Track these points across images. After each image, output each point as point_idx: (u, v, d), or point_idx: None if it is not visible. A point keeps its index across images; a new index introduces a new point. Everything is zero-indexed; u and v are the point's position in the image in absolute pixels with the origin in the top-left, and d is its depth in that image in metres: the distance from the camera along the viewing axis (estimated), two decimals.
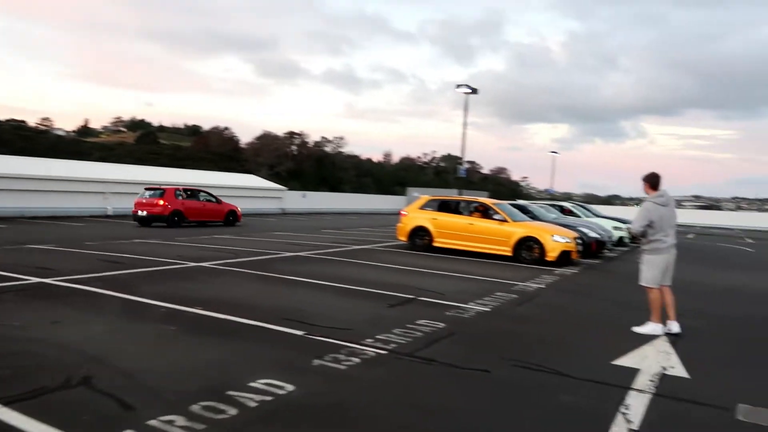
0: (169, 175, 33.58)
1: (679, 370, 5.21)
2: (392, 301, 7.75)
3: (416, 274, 10.72)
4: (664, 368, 5.25)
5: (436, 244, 14.26)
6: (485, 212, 14.27)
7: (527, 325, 6.92)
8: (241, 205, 33.65)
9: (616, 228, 19.58)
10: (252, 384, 4.25)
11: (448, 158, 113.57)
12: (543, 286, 9.92)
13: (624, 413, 4.07)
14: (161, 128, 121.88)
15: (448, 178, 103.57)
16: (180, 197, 20.99)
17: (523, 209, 16.26)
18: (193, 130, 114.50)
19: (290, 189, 48.73)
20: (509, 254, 13.27)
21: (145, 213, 20.36)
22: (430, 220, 14.45)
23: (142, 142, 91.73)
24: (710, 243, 26.10)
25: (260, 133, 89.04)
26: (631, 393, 4.51)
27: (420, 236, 14.53)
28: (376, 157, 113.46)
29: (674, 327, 6.63)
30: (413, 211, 14.93)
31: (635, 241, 22.55)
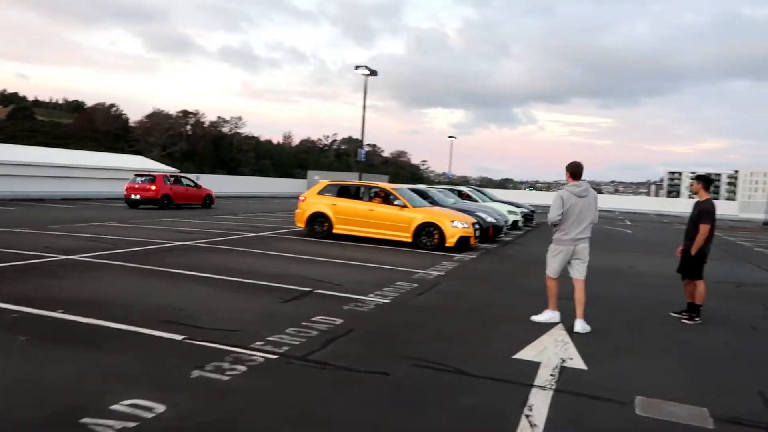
0: (48, 155, 30.50)
1: (577, 362, 5.16)
2: (287, 296, 7.24)
3: (314, 263, 10.24)
4: (563, 360, 5.18)
5: (336, 231, 13.82)
6: (385, 197, 14.03)
7: (427, 317, 6.69)
8: None
9: (510, 212, 20.18)
10: (114, 407, 3.60)
11: (349, 141, 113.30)
12: (443, 274, 9.81)
13: (528, 415, 3.88)
14: (37, 103, 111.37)
15: (350, 161, 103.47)
16: (168, 183, 23.68)
17: (423, 194, 16.20)
18: (75, 107, 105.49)
19: (185, 171, 46.26)
20: (409, 240, 13.12)
21: (138, 197, 22.65)
22: (329, 205, 13.97)
23: (14, 117, 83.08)
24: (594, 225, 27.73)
25: (151, 111, 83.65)
26: (534, 390, 4.35)
27: (319, 223, 14.02)
28: (276, 138, 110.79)
29: (577, 325, 6.28)
30: (312, 196, 14.37)
31: (528, 224, 23.51)
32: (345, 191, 14.39)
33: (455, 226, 12.91)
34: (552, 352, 5.43)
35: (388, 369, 4.67)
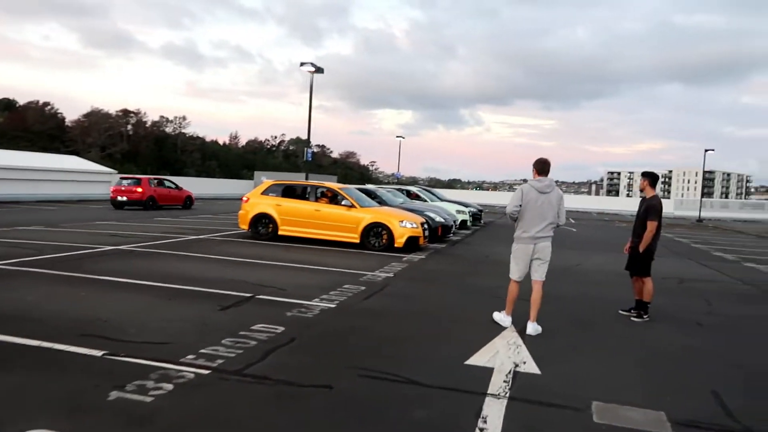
0: None
1: (530, 366, 4.95)
2: (225, 302, 6.76)
3: (257, 267, 9.75)
4: (516, 364, 4.96)
5: (281, 233, 13.33)
6: (333, 198, 13.66)
7: (375, 322, 6.36)
8: (63, 191, 29.95)
9: (459, 211, 20.16)
10: None
11: (297, 142, 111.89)
12: (391, 275, 9.52)
13: (482, 428, 3.61)
14: None
15: (298, 161, 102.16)
16: (153, 185, 25.08)
17: (371, 194, 15.91)
18: (6, 104, 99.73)
19: (127, 173, 44.33)
20: (357, 241, 12.78)
21: (125, 198, 23.97)
22: (273, 206, 13.45)
23: None
24: None
25: (89, 110, 79.95)
26: (487, 400, 4.10)
27: (263, 224, 13.48)
28: (223, 139, 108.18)
29: (529, 328, 6.07)
30: (255, 196, 13.80)
31: (477, 223, 23.60)
32: (291, 191, 13.91)
33: (404, 226, 12.66)
34: (504, 356, 5.20)
35: (332, 381, 4.31)
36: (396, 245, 12.51)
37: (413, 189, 22.16)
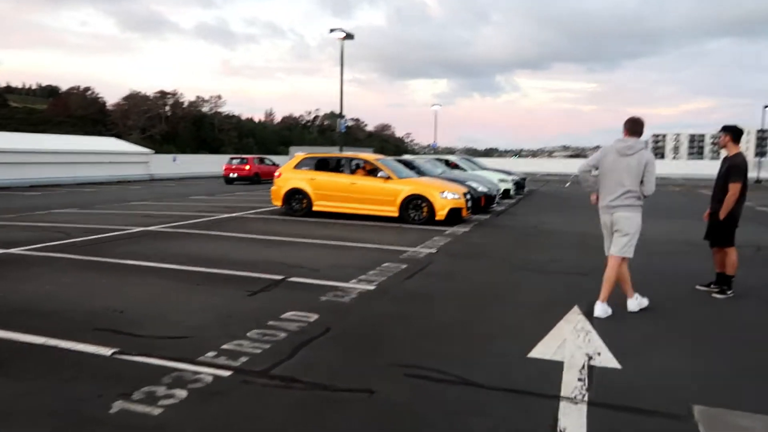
0: (22, 140, 28.89)
1: (606, 358, 4.18)
2: (254, 287, 6.17)
3: (290, 245, 9.17)
4: (590, 356, 4.19)
5: (316, 208, 12.72)
6: (369, 170, 12.93)
7: (419, 306, 5.66)
8: (100, 173, 30.10)
9: (501, 180, 19.19)
10: None
11: (332, 116, 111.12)
12: (434, 251, 8.79)
13: None
14: (9, 89, 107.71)
15: (333, 136, 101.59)
16: (256, 163, 29.59)
17: (409, 165, 15.12)
18: (50, 92, 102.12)
19: (166, 153, 44.56)
20: (396, 215, 12.07)
21: (236, 175, 28.67)
22: (307, 180, 12.82)
23: None
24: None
25: (128, 94, 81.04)
26: (563, 405, 3.36)
27: (297, 200, 12.89)
28: (258, 116, 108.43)
29: (597, 309, 5.26)
30: (288, 171, 13.19)
31: (520, 192, 22.49)
32: (324, 164, 13.23)
33: (445, 197, 11.86)
34: (574, 345, 4.44)
35: (373, 383, 3.65)
36: (437, 218, 11.76)
37: (452, 158, 21.22)
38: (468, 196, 12.59)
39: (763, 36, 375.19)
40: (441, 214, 11.76)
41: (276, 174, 13.40)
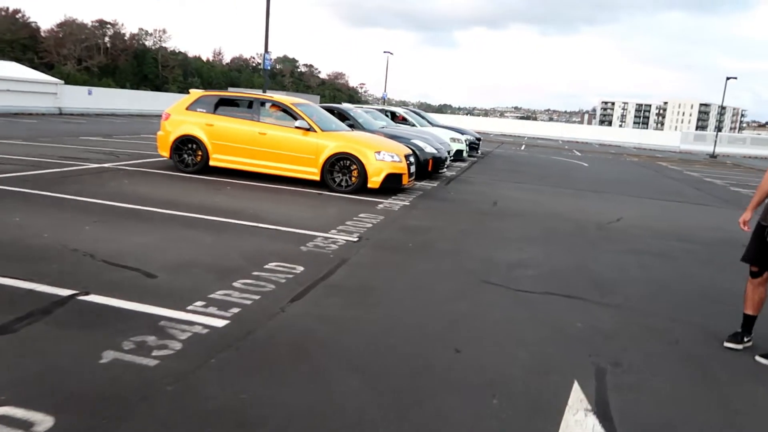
0: None
1: None
2: (12, 312, 3.31)
3: (139, 221, 6.26)
4: None
5: (213, 163, 9.71)
6: (285, 117, 9.95)
7: (310, 351, 2.98)
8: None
9: (453, 139, 16.56)
10: None
11: (284, 60, 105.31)
12: (354, 239, 6.10)
13: None
14: None
15: (285, 81, 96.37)
16: None
17: (342, 115, 12.22)
18: None
19: (105, 87, 39.67)
20: (317, 179, 9.27)
21: None
22: (203, 126, 9.72)
23: None
24: (545, 156, 24.69)
25: (63, 20, 73.15)
26: None
27: (190, 151, 9.82)
28: (206, 55, 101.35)
29: None
30: (179, 112, 10.00)
31: (473, 154, 19.98)
32: (227, 106, 10.09)
33: (382, 159, 9.13)
34: None
35: None
36: (370, 185, 9.05)
37: (399, 110, 18.39)
38: (411, 160, 9.89)
39: (710, 12, 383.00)
40: (375, 180, 9.04)
41: (163, 115, 10.16)
